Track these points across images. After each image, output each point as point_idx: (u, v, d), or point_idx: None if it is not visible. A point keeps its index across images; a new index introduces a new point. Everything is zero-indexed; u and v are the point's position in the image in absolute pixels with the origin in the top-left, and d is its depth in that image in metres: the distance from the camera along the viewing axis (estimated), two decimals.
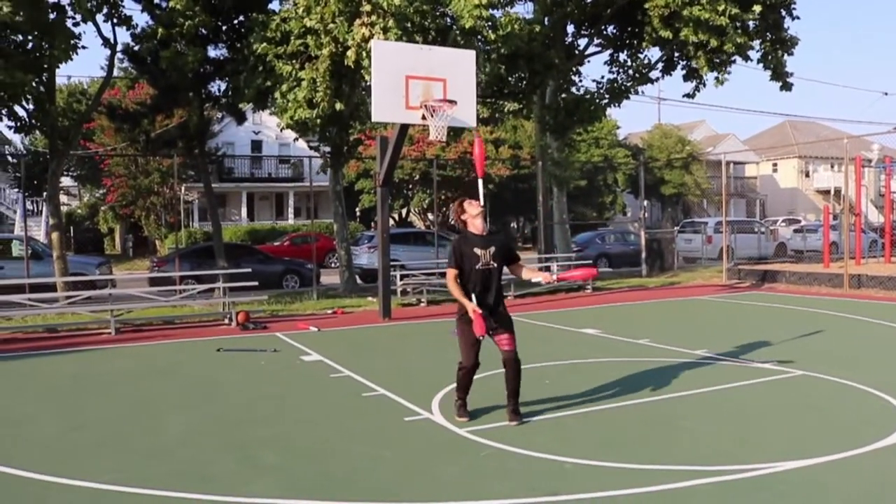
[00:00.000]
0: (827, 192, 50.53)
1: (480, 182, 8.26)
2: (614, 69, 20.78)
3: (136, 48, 17.08)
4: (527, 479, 5.07)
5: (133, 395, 8.01)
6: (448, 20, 15.61)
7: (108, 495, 4.97)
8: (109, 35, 16.15)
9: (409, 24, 14.13)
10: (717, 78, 18.59)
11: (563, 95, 20.22)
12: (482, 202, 6.94)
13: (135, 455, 5.84)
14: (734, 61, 18.50)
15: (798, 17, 19.42)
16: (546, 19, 19.25)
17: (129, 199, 34.10)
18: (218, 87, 18.22)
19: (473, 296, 6.39)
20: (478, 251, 6.45)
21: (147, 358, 10.35)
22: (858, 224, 21.26)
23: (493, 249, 6.53)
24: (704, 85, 19.64)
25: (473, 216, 6.57)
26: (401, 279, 16.43)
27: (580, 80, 21.13)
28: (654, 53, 20.31)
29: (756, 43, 18.59)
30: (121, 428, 6.65)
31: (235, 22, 17.18)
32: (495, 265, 6.52)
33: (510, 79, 18.97)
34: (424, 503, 4.70)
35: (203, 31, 16.26)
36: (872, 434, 5.84)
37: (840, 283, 17.33)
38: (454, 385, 7.82)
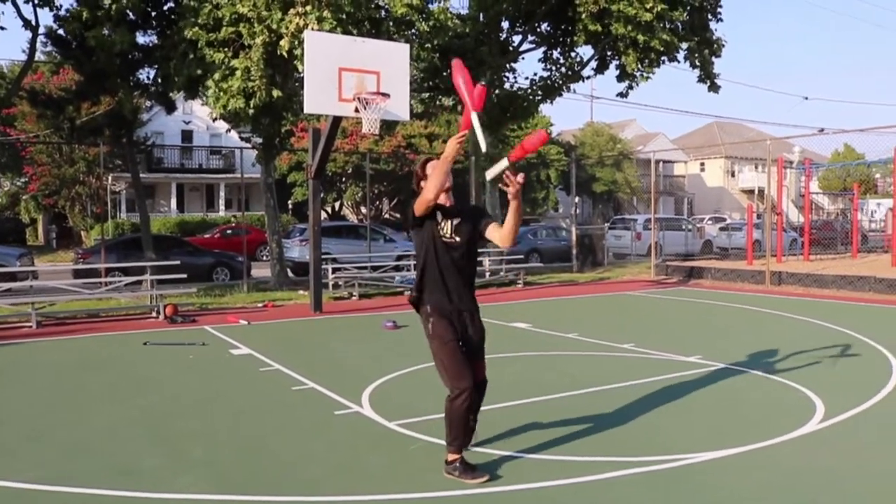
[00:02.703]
0: (751, 192, 52.01)
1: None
2: (548, 66, 21.02)
3: (60, 31, 16.57)
4: None
5: (55, 389, 7.78)
6: (382, 12, 15.58)
7: (27, 494, 4.81)
8: (31, 16, 15.63)
9: (343, 16, 14.06)
10: (641, 74, 18.95)
11: (497, 92, 20.37)
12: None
13: (57, 451, 5.68)
14: (663, 61, 18.89)
15: (721, 20, 19.97)
16: (482, 15, 19.37)
17: (53, 188, 32.97)
18: (147, 74, 17.83)
19: (436, 295, 4.85)
20: (439, 219, 4.78)
21: (70, 351, 10.07)
22: (780, 223, 21.99)
23: (457, 221, 4.81)
24: (637, 84, 20.00)
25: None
26: (332, 273, 16.35)
27: (514, 77, 21.31)
28: (586, 51, 20.66)
29: (683, 44, 19.05)
30: (42, 423, 6.46)
31: (165, 8, 16.81)
32: (459, 240, 4.81)
33: (444, 73, 19.03)
34: (354, 496, 4.70)
35: (131, 15, 15.85)
36: (789, 424, 6.06)
37: (762, 279, 17.90)
38: (384, 379, 7.86)
